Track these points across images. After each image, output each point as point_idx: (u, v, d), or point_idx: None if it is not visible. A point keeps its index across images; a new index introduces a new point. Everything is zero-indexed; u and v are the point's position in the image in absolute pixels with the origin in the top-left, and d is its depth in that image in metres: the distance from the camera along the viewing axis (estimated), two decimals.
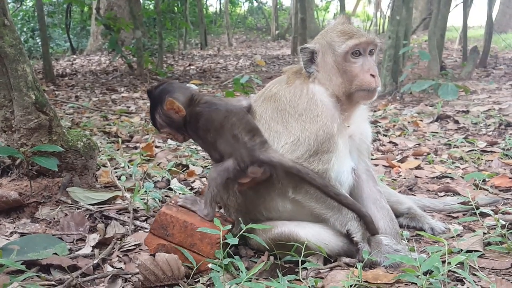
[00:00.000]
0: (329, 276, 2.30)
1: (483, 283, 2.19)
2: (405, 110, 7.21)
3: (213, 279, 2.12)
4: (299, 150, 2.42)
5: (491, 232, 2.73)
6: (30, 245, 2.47)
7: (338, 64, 2.50)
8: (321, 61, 2.55)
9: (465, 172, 4.10)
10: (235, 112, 2.47)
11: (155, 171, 4.05)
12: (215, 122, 2.44)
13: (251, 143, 2.39)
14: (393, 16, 8.83)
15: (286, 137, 2.46)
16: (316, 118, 2.45)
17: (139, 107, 8.51)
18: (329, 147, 2.44)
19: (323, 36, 2.60)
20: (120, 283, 2.30)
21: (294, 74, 2.64)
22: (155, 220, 2.46)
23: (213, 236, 2.36)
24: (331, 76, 2.53)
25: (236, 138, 2.39)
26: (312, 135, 2.42)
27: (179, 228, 2.41)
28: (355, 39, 2.47)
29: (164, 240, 2.42)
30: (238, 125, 2.42)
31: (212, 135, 2.45)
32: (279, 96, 2.56)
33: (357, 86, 2.50)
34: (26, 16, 22.25)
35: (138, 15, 13.09)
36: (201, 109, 2.48)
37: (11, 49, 3.05)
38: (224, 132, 2.42)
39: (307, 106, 2.48)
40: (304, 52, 2.57)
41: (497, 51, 16.42)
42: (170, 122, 2.52)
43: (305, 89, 2.53)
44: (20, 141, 3.16)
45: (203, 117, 2.47)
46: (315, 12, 29.47)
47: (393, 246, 2.44)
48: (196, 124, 2.49)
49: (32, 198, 3.14)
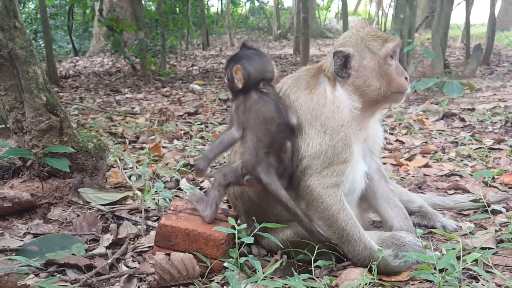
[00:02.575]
0: (343, 274, 2.30)
1: (498, 280, 2.20)
2: (411, 108, 7.21)
3: (228, 278, 2.12)
4: (315, 163, 2.39)
5: (503, 229, 2.74)
6: (48, 245, 2.49)
7: (379, 67, 2.43)
8: (357, 65, 2.44)
9: (474, 170, 4.10)
10: (279, 123, 2.41)
11: (164, 171, 4.06)
12: (260, 112, 2.41)
13: (262, 157, 2.37)
14: (397, 15, 8.85)
15: (304, 150, 2.41)
16: (340, 129, 2.39)
17: (143, 107, 8.52)
18: (346, 157, 2.40)
19: (354, 40, 2.48)
20: (135, 282, 2.31)
21: (314, 78, 2.53)
22: (157, 233, 2.46)
23: (216, 238, 2.37)
24: (369, 80, 2.44)
25: (258, 141, 2.38)
26: (330, 147, 2.37)
27: (182, 236, 2.41)
28: (392, 41, 2.45)
29: (170, 250, 2.40)
30: (269, 134, 2.39)
31: (246, 118, 2.42)
32: (299, 104, 2.47)
33: (394, 89, 2.47)
34: (28, 18, 22.29)
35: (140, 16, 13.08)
36: (259, 94, 2.46)
37: (22, 51, 3.07)
38: (255, 127, 2.40)
39: (331, 115, 2.40)
40: (339, 56, 2.43)
41: (500, 48, 16.39)
42: (231, 81, 2.51)
43: (331, 97, 2.45)
44: (31, 143, 3.17)
45: (255, 101, 2.44)
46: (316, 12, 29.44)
47: (416, 242, 2.43)
48: (245, 100, 2.47)
49: (44, 199, 3.16)
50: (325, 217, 2.39)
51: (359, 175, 2.53)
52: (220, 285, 2.27)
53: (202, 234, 2.39)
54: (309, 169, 2.40)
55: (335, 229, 2.39)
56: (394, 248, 2.39)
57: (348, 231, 2.37)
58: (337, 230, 2.38)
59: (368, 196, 2.69)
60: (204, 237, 2.38)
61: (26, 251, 2.44)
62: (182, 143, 5.48)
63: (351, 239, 2.36)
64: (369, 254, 2.33)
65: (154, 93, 10.31)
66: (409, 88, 2.52)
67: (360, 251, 2.36)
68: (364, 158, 2.59)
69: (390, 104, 2.59)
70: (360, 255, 2.36)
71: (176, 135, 5.95)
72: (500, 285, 2.17)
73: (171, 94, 10.18)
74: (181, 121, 7.04)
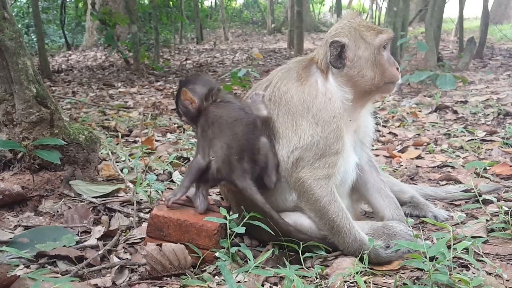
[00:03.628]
0: (335, 263, 2.31)
1: (488, 268, 2.21)
2: (404, 101, 7.22)
3: (220, 267, 2.12)
4: (307, 154, 2.39)
5: (494, 219, 2.75)
6: (39, 237, 2.49)
7: (374, 57, 2.45)
8: (352, 55, 2.45)
9: (466, 161, 4.11)
10: (246, 122, 2.43)
11: (156, 164, 4.04)
12: (223, 118, 2.43)
13: (236, 164, 2.37)
14: (390, 8, 8.84)
15: (296, 142, 2.42)
16: (332, 120, 2.39)
17: (136, 101, 8.48)
18: (338, 148, 2.41)
19: (348, 30, 2.48)
20: (127, 273, 2.31)
21: (305, 70, 2.54)
22: (149, 224, 2.46)
23: (209, 229, 2.37)
24: (364, 71, 2.45)
25: (228, 149, 2.38)
26: (322, 139, 2.38)
27: (174, 226, 2.41)
28: (386, 33, 2.49)
29: (162, 241, 2.40)
30: (237, 139, 2.39)
31: (212, 131, 2.44)
32: (290, 95, 2.48)
33: (387, 79, 2.49)
34: (20, 12, 22.08)
35: (133, 10, 13.00)
36: (215, 104, 2.50)
37: (11, 42, 3.04)
38: (222, 135, 2.40)
39: (323, 107, 2.41)
40: (335, 46, 2.43)
41: (493, 42, 16.43)
42: (186, 111, 2.55)
43: (323, 89, 2.46)
44: (22, 135, 3.15)
45: (213, 112, 2.47)
46: (310, 5, 29.38)
47: (407, 231, 2.44)
48: (205, 118, 2.49)
49: (35, 192, 3.13)
50: (315, 209, 2.40)
51: (350, 166, 2.54)
52: (212, 275, 2.27)
53: (194, 225, 2.38)
54: (301, 161, 2.40)
55: (326, 220, 2.40)
56: (385, 237, 2.40)
57: (339, 222, 2.38)
58: (327, 222, 2.40)
59: (360, 187, 2.69)
60: (196, 227, 2.38)
61: (17, 243, 2.44)
62: (176, 136, 5.47)
63: (341, 231, 2.38)
64: (359, 246, 2.35)
65: (147, 87, 10.27)
66: (400, 78, 2.54)
67: (350, 243, 2.37)
68: (355, 149, 2.60)
69: (382, 95, 2.62)
70: (350, 247, 2.38)
71: (169, 129, 5.93)
72: (491, 273, 2.18)
73: (165, 88, 10.14)
74: (175, 115, 7.00)
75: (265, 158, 2.43)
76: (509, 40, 16.11)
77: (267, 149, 2.44)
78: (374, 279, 2.19)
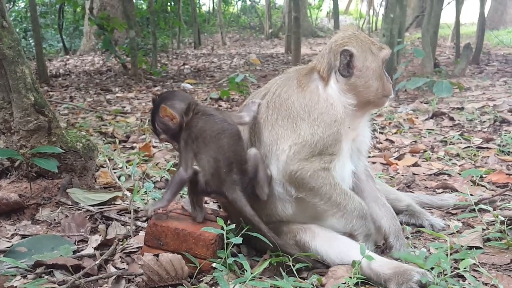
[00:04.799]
0: (330, 272, 2.31)
1: (484, 278, 2.22)
2: (400, 108, 7.25)
3: (217, 278, 2.12)
4: (304, 151, 2.40)
5: (490, 228, 2.76)
6: (37, 246, 2.49)
7: (379, 69, 2.51)
8: (361, 65, 2.48)
9: (462, 168, 4.13)
10: (230, 133, 2.41)
11: (154, 171, 4.05)
12: (206, 132, 2.40)
13: (225, 177, 2.36)
14: (387, 14, 8.87)
15: (294, 138, 2.43)
16: (333, 124, 2.42)
17: (134, 107, 8.48)
18: (334, 151, 2.43)
19: (355, 41, 2.51)
20: (123, 283, 2.31)
21: (306, 77, 2.56)
22: (147, 232, 2.46)
23: (206, 238, 2.37)
24: (370, 81, 2.49)
25: (215, 162, 2.36)
26: (321, 140, 2.40)
27: (172, 236, 2.41)
28: (387, 49, 2.57)
29: (160, 250, 2.40)
30: (223, 152, 2.37)
31: (196, 146, 2.41)
32: (291, 102, 2.49)
33: (385, 92, 2.55)
34: (18, 16, 22.11)
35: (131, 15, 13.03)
36: (196, 118, 2.46)
37: (10, 51, 3.05)
38: (208, 149, 2.38)
39: (325, 111, 2.43)
40: (345, 55, 2.46)
41: (490, 47, 16.52)
42: (166, 129, 2.49)
43: (324, 95, 2.48)
44: (19, 143, 3.15)
45: (196, 126, 2.43)
46: (308, 11, 29.48)
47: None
48: (187, 132, 2.45)
49: (32, 200, 3.14)
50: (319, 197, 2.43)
51: (346, 174, 2.56)
52: (209, 286, 2.27)
53: (192, 234, 2.39)
54: (297, 154, 2.40)
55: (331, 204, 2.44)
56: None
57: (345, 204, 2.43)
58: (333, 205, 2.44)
59: None
60: (194, 237, 2.38)
61: (15, 252, 2.44)
62: None
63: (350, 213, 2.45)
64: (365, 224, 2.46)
65: (145, 92, 10.27)
66: (393, 93, 2.61)
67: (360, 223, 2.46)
68: (352, 157, 2.62)
69: (377, 108, 2.66)
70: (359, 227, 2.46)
71: None
72: (487, 283, 2.19)
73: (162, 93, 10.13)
74: None
75: (255, 168, 2.42)
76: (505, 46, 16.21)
77: (257, 159, 2.44)
78: None
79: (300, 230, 2.48)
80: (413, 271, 2.14)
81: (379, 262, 2.26)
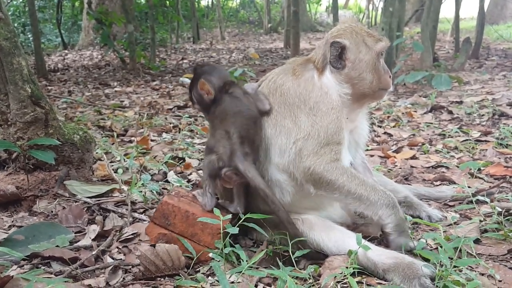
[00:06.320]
0: (326, 262, 2.31)
1: (481, 269, 2.22)
2: (399, 101, 7.24)
3: (214, 268, 2.12)
4: (310, 144, 2.39)
5: (488, 219, 2.77)
6: (35, 234, 2.49)
7: (374, 62, 2.51)
8: (353, 57, 2.49)
9: (460, 161, 4.13)
10: (246, 115, 2.45)
11: (151, 164, 4.04)
12: (226, 111, 2.47)
13: (237, 147, 2.37)
14: (386, 8, 8.85)
15: (296, 132, 2.42)
16: (330, 111, 2.42)
17: (132, 101, 8.47)
18: (340, 139, 2.43)
19: (350, 33, 2.52)
20: (120, 274, 2.30)
21: (301, 66, 2.58)
22: (157, 209, 2.48)
23: (214, 226, 2.36)
24: (364, 74, 2.50)
25: (227, 135, 2.40)
26: (322, 128, 2.39)
27: (181, 217, 2.42)
28: (384, 41, 2.56)
29: (165, 229, 2.43)
30: (238, 126, 2.40)
31: (217, 122, 2.49)
32: (285, 88, 2.51)
33: (382, 85, 2.55)
34: (16, 11, 22.05)
35: (130, 9, 12.98)
36: (225, 97, 2.53)
37: (6, 42, 3.03)
38: (224, 124, 2.43)
39: (320, 99, 2.44)
40: (336, 46, 2.48)
41: (489, 42, 16.49)
42: (201, 100, 2.59)
43: (318, 83, 2.50)
44: (16, 135, 3.14)
45: (221, 105, 2.51)
46: (307, 5, 29.40)
47: None
48: (215, 107, 2.53)
49: (30, 192, 3.13)
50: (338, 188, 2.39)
51: (345, 165, 2.55)
52: (205, 276, 2.27)
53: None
54: (304, 150, 2.40)
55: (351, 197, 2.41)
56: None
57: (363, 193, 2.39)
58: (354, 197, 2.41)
59: None
60: (203, 223, 2.38)
61: (12, 241, 2.43)
62: (171, 136, 5.46)
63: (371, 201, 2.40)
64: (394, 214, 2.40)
65: (143, 87, 10.26)
66: (392, 86, 2.60)
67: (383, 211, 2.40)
68: (349, 149, 2.62)
69: (374, 100, 2.67)
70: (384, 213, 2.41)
71: (165, 128, 5.93)
72: (483, 273, 2.19)
73: (161, 87, 10.13)
74: (171, 114, 7.01)
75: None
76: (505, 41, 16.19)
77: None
78: (367, 279, 2.20)
79: (298, 221, 2.48)
80: (419, 264, 2.12)
81: (377, 251, 2.25)
